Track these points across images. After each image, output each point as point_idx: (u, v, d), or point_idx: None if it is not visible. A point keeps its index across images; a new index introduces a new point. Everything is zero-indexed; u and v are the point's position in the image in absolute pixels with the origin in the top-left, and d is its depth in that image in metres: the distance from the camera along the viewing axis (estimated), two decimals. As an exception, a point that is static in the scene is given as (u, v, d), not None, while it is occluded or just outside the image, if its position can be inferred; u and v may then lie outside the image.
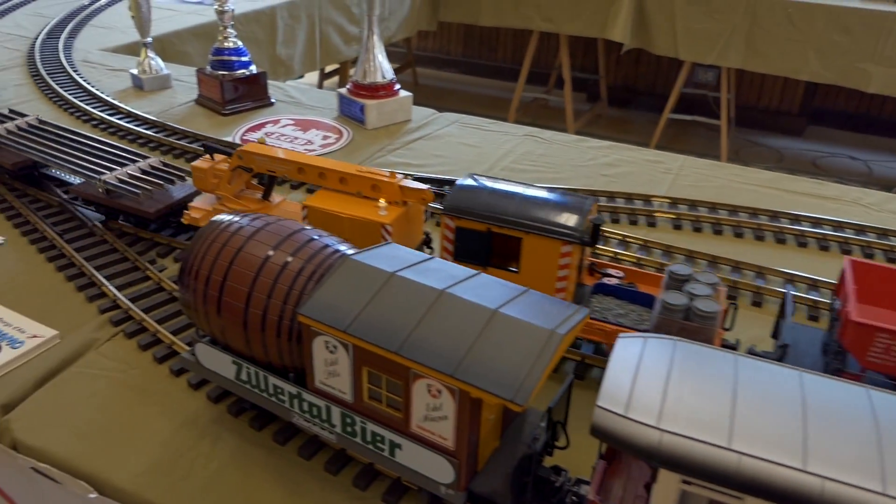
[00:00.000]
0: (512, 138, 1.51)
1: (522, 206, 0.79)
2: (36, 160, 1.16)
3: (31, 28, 2.25)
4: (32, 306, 0.92)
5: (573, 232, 0.75)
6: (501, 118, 4.61)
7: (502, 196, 0.81)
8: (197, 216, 0.99)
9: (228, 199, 1.00)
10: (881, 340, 0.67)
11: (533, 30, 3.94)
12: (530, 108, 4.71)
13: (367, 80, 1.54)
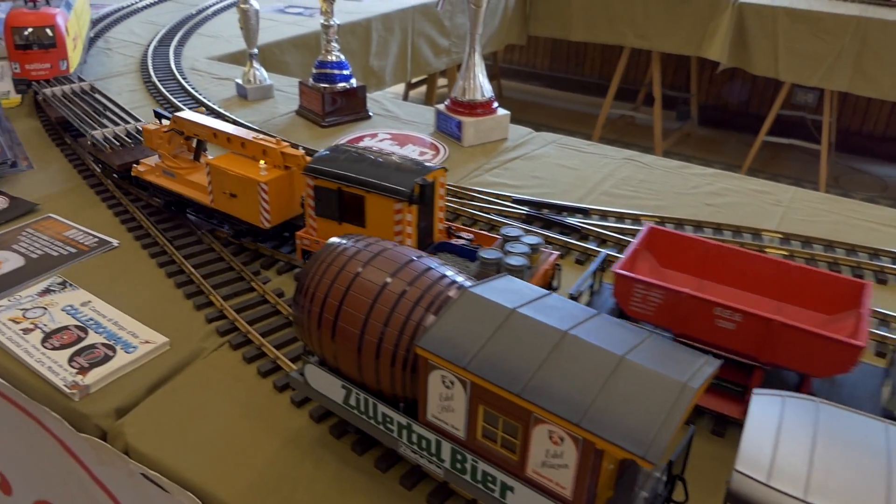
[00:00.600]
0: (611, 161, 1.48)
1: (367, 168, 0.91)
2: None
3: (143, 35, 2.35)
4: (144, 311, 0.95)
5: (402, 192, 0.87)
6: (586, 134, 4.57)
7: (353, 160, 0.93)
8: (142, 170, 1.20)
9: (167, 157, 1.18)
10: (638, 291, 0.78)
11: (625, 46, 3.86)
12: (617, 125, 4.63)
13: (465, 98, 1.53)
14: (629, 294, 0.79)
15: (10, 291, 0.98)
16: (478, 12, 1.47)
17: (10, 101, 1.69)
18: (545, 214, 1.22)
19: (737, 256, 0.84)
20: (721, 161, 4.26)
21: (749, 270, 0.83)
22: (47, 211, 1.21)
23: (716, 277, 0.86)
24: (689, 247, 0.87)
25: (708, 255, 0.86)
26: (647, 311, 0.79)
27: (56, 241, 1.11)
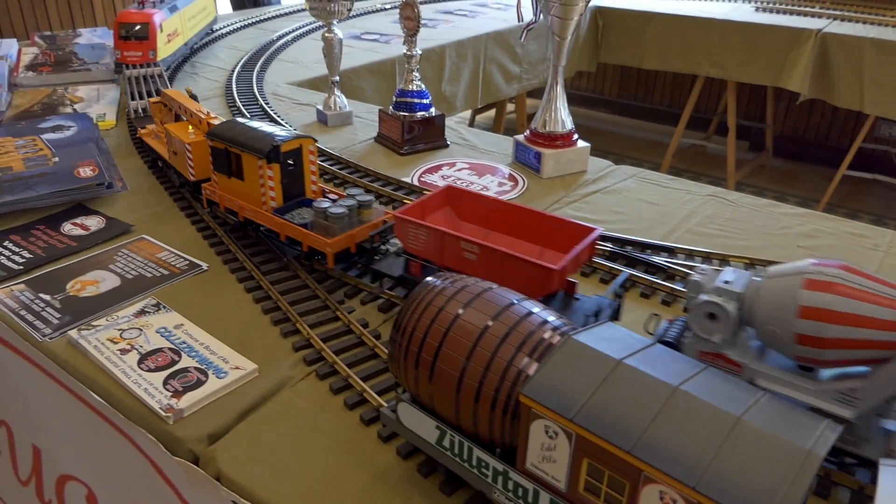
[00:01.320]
0: (695, 198, 1.44)
1: (246, 133, 1.12)
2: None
3: (227, 60, 2.43)
4: (232, 336, 0.97)
5: (262, 151, 1.08)
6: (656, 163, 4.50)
7: (240, 128, 1.14)
8: (144, 133, 1.52)
9: (158, 125, 1.46)
10: (411, 230, 0.96)
11: (699, 75, 3.80)
12: (687, 155, 4.55)
13: (546, 129, 1.53)
14: (405, 233, 0.97)
15: (107, 311, 1.02)
16: (562, 44, 1.46)
17: (105, 123, 1.77)
18: (629, 252, 1.20)
19: (512, 210, 1.02)
20: (797, 195, 4.13)
21: (521, 222, 1.01)
22: (141, 232, 1.26)
23: (499, 228, 1.03)
24: (480, 203, 1.05)
25: (494, 210, 1.04)
26: (419, 247, 0.97)
27: (150, 262, 1.15)
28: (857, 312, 0.66)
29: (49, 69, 2.12)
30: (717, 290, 0.74)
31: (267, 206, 1.13)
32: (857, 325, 0.66)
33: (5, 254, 1.17)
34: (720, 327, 0.73)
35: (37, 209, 1.32)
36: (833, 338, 0.67)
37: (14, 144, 1.48)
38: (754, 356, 0.75)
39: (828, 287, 0.67)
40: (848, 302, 0.66)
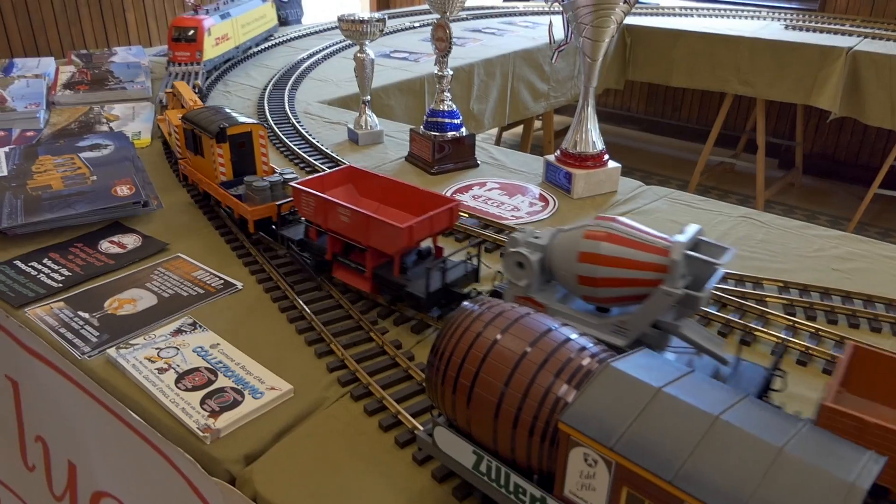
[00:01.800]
0: (726, 219, 1.43)
1: (208, 117, 1.33)
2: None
3: (259, 79, 2.47)
4: (267, 356, 0.98)
5: (211, 132, 1.29)
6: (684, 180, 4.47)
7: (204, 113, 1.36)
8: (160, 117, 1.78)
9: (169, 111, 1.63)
10: (303, 199, 1.11)
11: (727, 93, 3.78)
12: (715, 172, 4.52)
13: (577, 150, 1.53)
14: (300, 202, 1.11)
15: (144, 329, 1.03)
16: (593, 66, 1.47)
17: (141, 141, 1.80)
18: (661, 274, 1.19)
19: (400, 187, 1.16)
20: (827, 213, 4.08)
21: (404, 196, 1.15)
22: (176, 251, 1.28)
23: (389, 202, 1.17)
24: (375, 181, 1.19)
25: (385, 187, 1.18)
26: (310, 213, 1.11)
27: (185, 281, 1.17)
28: (621, 256, 0.80)
29: (86, 87, 2.17)
30: (526, 243, 0.88)
31: (218, 179, 1.33)
32: (620, 266, 0.80)
33: (45, 271, 1.20)
34: (526, 274, 0.87)
35: (75, 227, 1.34)
36: (603, 277, 0.81)
37: (53, 163, 1.51)
38: (556, 300, 0.88)
39: (599, 236, 0.82)
40: (614, 247, 0.80)
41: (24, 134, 1.83)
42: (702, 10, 4.27)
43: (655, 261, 0.79)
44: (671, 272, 0.77)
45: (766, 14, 4.15)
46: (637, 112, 5.35)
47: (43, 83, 2.12)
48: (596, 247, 0.81)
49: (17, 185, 1.39)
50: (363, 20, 1.73)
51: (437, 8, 1.56)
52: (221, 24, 2.45)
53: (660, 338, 0.83)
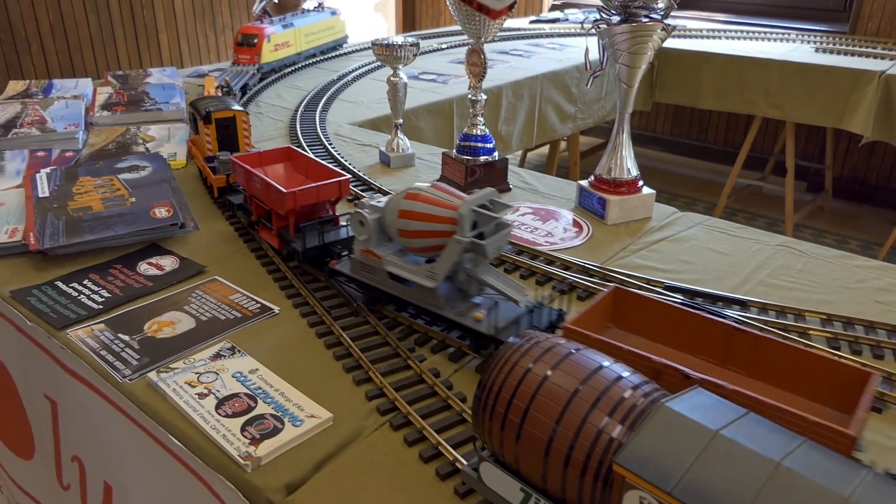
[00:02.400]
0: (764, 248, 1.42)
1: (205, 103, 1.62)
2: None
3: (290, 100, 2.50)
4: (306, 382, 0.98)
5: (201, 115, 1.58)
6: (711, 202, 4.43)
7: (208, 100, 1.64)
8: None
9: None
10: (237, 169, 1.36)
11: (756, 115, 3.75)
12: (742, 195, 4.48)
13: (611, 176, 1.52)
14: (236, 172, 1.35)
15: (184, 353, 1.04)
16: (629, 92, 1.46)
17: (176, 162, 1.82)
18: (700, 304, 1.18)
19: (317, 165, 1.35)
20: (858, 238, 4.02)
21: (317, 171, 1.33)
22: (213, 273, 1.29)
23: (310, 177, 1.35)
24: (305, 161, 1.39)
25: (309, 166, 1.37)
26: (241, 182, 1.35)
27: (223, 304, 1.17)
28: (425, 212, 0.99)
29: (123, 108, 2.21)
30: (368, 206, 1.08)
31: (205, 154, 1.59)
32: (425, 220, 0.99)
33: (85, 292, 1.21)
34: (366, 231, 1.07)
35: (114, 248, 1.36)
36: (414, 230, 1.00)
37: (93, 184, 1.53)
38: (393, 253, 1.07)
39: (411, 196, 1.02)
40: (421, 205, 1.00)
41: (63, 154, 1.86)
42: (730, 32, 4.25)
43: (450, 215, 0.98)
44: (460, 224, 0.97)
45: (795, 36, 4.13)
46: (663, 133, 5.33)
47: (81, 104, 2.16)
48: (409, 205, 1.01)
49: (59, 206, 1.41)
50: (397, 45, 1.74)
51: (472, 33, 1.56)
52: (283, 32, 2.83)
53: (468, 283, 1.03)
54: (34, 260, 1.32)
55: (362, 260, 1.11)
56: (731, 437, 0.57)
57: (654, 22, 1.36)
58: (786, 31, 4.30)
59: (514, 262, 1.32)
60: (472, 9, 1.50)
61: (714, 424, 0.58)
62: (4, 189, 1.61)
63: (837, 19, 4.55)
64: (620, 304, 0.94)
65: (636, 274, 1.27)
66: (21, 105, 2.15)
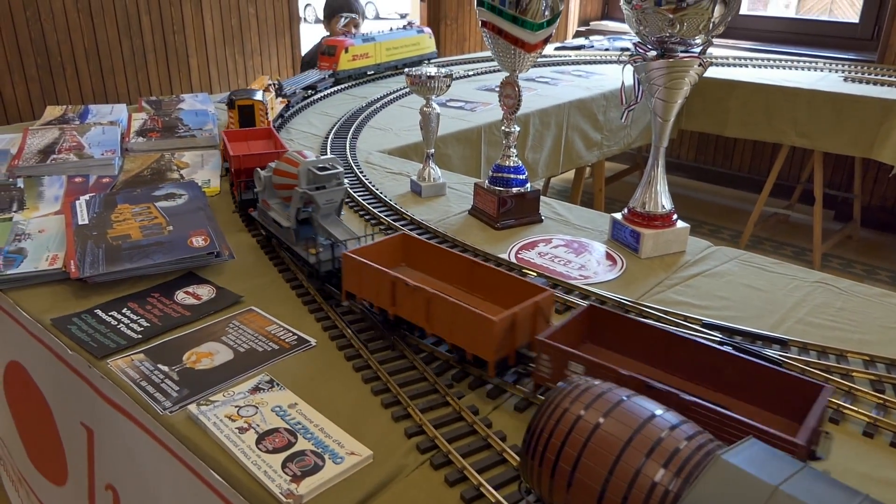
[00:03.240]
0: (802, 284, 1.40)
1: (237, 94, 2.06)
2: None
3: (320, 127, 2.53)
4: (344, 417, 0.98)
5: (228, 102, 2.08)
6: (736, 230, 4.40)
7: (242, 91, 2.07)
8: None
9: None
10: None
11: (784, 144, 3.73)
12: (769, 223, 4.45)
13: (645, 210, 1.52)
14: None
15: (222, 386, 1.04)
16: (665, 126, 1.46)
17: (211, 190, 1.85)
18: (739, 343, 1.16)
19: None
20: (888, 268, 3.97)
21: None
22: (249, 303, 1.29)
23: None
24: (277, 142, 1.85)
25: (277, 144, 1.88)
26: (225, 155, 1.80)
27: (259, 335, 1.18)
28: (283, 169, 1.35)
29: (157, 135, 2.24)
30: (266, 167, 1.43)
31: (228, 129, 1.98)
32: (282, 176, 1.36)
33: (124, 321, 1.22)
34: (260, 183, 1.45)
35: (151, 276, 1.37)
36: (278, 183, 1.39)
37: (131, 212, 1.55)
38: (275, 202, 1.44)
39: (281, 158, 1.37)
40: (283, 164, 1.35)
41: (100, 180, 1.89)
42: (756, 60, 4.25)
43: (296, 171, 1.30)
44: (300, 179, 1.30)
45: (823, 65, 4.11)
46: (687, 160, 5.32)
47: (118, 130, 2.20)
48: (277, 164, 1.39)
49: (98, 234, 1.43)
50: (431, 76, 1.76)
51: (507, 66, 1.58)
52: (362, 45, 3.27)
53: (317, 227, 1.33)
54: (74, 287, 1.34)
55: (262, 208, 1.47)
56: (791, 492, 0.56)
57: (692, 57, 1.36)
58: (813, 59, 4.29)
59: (548, 296, 1.31)
60: (508, 42, 1.51)
61: (773, 479, 0.57)
62: (44, 215, 1.64)
63: (865, 48, 4.53)
64: (596, 322, 1.03)
65: (672, 311, 1.26)
66: (59, 131, 2.19)
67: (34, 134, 2.16)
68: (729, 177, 5.12)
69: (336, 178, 1.31)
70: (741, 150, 5.01)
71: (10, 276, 1.33)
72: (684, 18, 1.31)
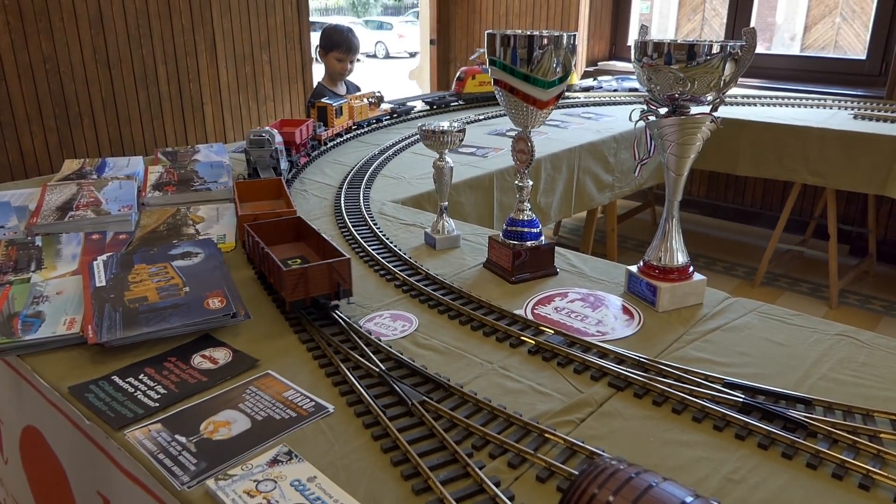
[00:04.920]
0: (823, 337, 1.38)
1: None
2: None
3: (333, 176, 2.55)
4: (364, 490, 0.96)
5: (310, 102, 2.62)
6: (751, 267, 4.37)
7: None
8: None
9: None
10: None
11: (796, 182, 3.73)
12: (783, 259, 4.42)
13: (661, 263, 1.51)
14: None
15: (241, 458, 1.03)
16: (678, 181, 1.46)
17: (226, 246, 1.86)
18: (763, 404, 1.14)
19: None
20: (907, 304, 3.92)
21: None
22: (265, 366, 1.29)
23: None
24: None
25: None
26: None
27: (277, 402, 1.17)
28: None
29: (173, 189, 2.27)
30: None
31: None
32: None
33: (141, 388, 1.22)
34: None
35: (168, 339, 1.38)
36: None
37: (148, 272, 1.56)
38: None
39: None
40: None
41: (116, 237, 1.91)
42: (765, 98, 4.27)
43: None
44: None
45: (831, 102, 4.12)
46: (698, 195, 5.31)
47: (134, 185, 2.23)
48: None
49: (116, 297, 1.44)
50: (444, 131, 1.77)
51: (519, 122, 1.59)
52: (485, 74, 3.71)
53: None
54: (91, 352, 1.34)
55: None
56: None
57: (703, 115, 1.36)
58: (822, 96, 4.30)
59: (566, 356, 1.30)
60: (520, 99, 1.53)
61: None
62: (62, 275, 1.65)
63: (874, 84, 4.54)
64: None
65: (693, 369, 1.25)
66: (77, 186, 2.22)
67: (52, 190, 2.19)
68: (741, 212, 5.10)
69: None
70: (753, 186, 5.00)
71: (28, 342, 1.34)
72: (695, 77, 1.32)
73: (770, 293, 4.06)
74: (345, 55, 4.00)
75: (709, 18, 7.72)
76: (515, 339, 1.37)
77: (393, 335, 1.41)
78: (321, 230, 1.60)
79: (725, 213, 5.20)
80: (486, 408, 1.14)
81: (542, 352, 1.33)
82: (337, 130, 3.06)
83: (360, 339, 1.36)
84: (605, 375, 1.25)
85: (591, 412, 1.15)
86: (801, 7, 11.38)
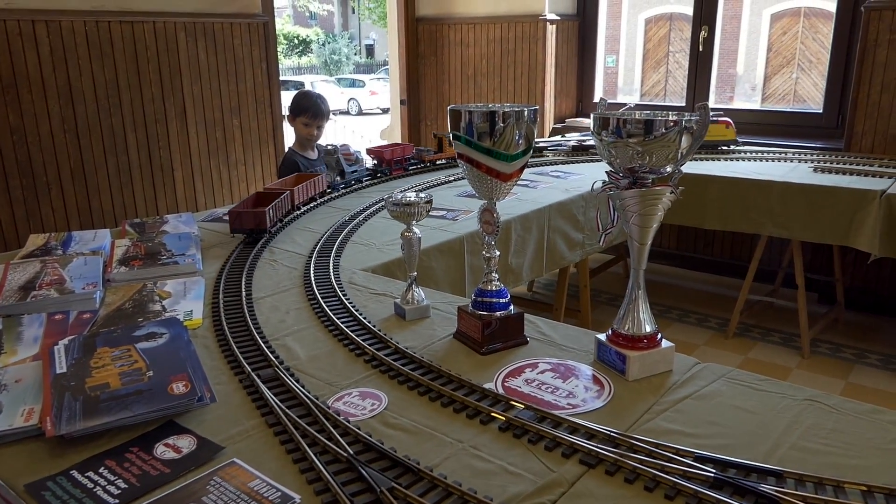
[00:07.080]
0: (792, 403, 1.39)
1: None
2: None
3: (303, 244, 2.54)
4: (330, 589, 0.93)
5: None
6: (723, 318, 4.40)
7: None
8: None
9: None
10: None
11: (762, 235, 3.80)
12: (755, 310, 4.47)
13: (629, 332, 1.51)
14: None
15: (203, 558, 1.00)
16: (642, 249, 1.48)
17: (193, 322, 1.83)
18: (734, 478, 1.14)
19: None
20: (878, 351, 3.97)
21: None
22: (231, 454, 1.26)
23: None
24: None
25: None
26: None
27: (242, 493, 1.14)
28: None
29: (140, 263, 2.25)
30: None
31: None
32: None
33: (101, 483, 1.18)
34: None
35: (130, 427, 1.34)
36: None
37: (110, 356, 1.53)
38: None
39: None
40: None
41: (80, 316, 1.88)
42: (728, 153, 4.37)
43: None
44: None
45: (791, 155, 4.24)
46: (668, 248, 5.38)
47: (100, 260, 2.20)
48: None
49: (76, 385, 1.41)
50: (410, 202, 1.79)
51: (484, 194, 1.61)
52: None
53: None
54: (49, 444, 1.30)
55: None
56: None
57: (663, 187, 1.39)
58: (782, 148, 4.42)
59: (537, 432, 1.29)
60: (483, 172, 1.55)
61: None
62: (22, 360, 1.61)
63: (832, 136, 4.68)
64: None
65: (664, 443, 1.24)
66: (41, 264, 2.19)
67: (15, 268, 2.15)
68: (712, 263, 5.17)
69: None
70: (721, 237, 5.08)
71: (-17, 436, 1.30)
72: (653, 150, 1.36)
73: (743, 344, 4.08)
74: (311, 120, 4.04)
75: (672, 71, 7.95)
76: (486, 416, 1.36)
77: (362, 415, 1.39)
78: (290, 307, 1.58)
79: (696, 264, 5.27)
80: (457, 492, 1.12)
81: (512, 428, 1.31)
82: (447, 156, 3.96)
83: (328, 421, 1.33)
84: (576, 452, 1.23)
85: (563, 493, 1.14)
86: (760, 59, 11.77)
